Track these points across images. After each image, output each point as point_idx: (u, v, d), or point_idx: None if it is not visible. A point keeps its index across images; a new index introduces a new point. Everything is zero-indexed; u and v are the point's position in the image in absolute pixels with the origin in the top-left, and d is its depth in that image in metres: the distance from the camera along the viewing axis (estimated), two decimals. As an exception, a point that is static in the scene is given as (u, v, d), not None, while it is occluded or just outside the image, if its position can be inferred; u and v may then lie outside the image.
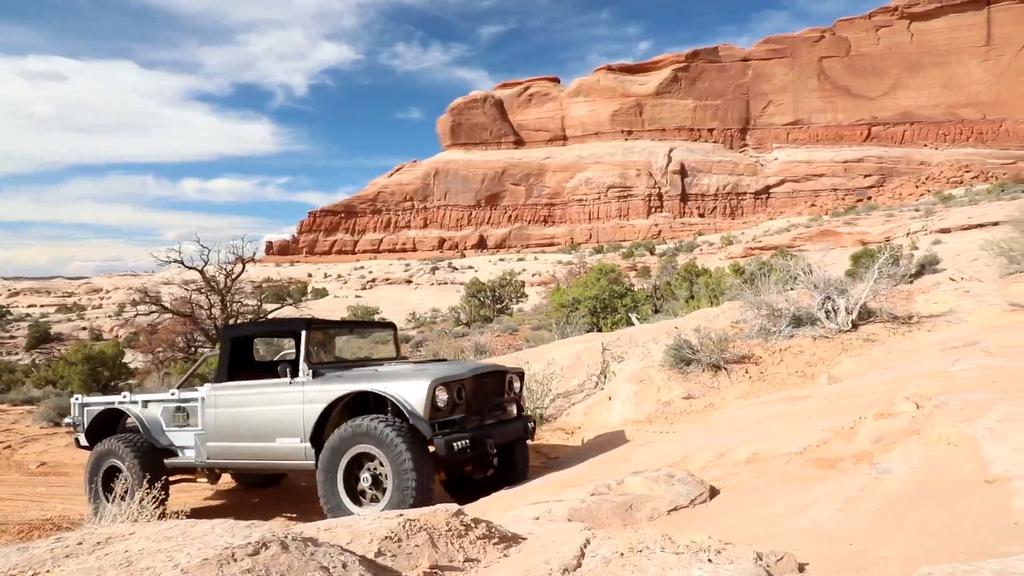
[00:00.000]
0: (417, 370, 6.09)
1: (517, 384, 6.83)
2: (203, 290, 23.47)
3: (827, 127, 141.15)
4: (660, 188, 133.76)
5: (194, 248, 24.06)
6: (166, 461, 7.13)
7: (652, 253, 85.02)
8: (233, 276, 23.95)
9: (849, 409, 4.98)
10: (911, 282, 15.71)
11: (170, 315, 23.18)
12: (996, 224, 34.63)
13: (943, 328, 8.68)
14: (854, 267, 23.31)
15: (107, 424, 7.72)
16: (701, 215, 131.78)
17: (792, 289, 10.86)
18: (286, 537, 2.02)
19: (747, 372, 8.53)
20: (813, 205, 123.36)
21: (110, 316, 73.81)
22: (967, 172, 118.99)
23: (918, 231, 49.77)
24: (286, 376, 6.16)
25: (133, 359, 22.64)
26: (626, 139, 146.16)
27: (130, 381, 18.84)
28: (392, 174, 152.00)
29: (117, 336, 46.51)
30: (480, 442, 5.67)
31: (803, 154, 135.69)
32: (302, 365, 6.17)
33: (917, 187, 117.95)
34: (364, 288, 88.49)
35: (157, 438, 7.19)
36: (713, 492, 3.85)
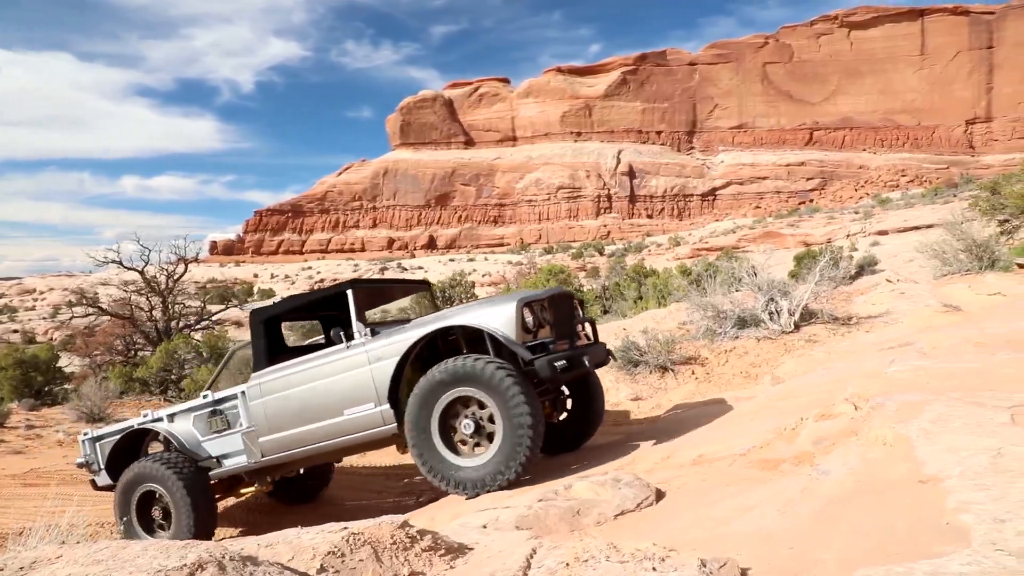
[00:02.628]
0: (492, 298, 5.77)
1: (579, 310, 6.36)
2: (143, 291, 22.77)
3: (771, 131, 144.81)
4: (609, 189, 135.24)
5: (134, 248, 23.35)
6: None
7: (601, 254, 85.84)
8: (175, 277, 23.30)
9: (791, 410, 5.09)
10: (851, 283, 16.19)
11: (108, 317, 22.41)
12: (930, 227, 36.02)
13: (880, 329, 8.96)
14: (797, 268, 23.90)
15: (129, 453, 6.74)
16: (649, 216, 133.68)
17: (737, 291, 11.08)
18: (223, 557, 1.95)
19: (693, 373, 8.67)
20: (757, 207, 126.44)
21: (44, 318, 70.98)
22: (903, 176, 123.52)
23: (857, 233, 51.40)
24: (340, 342, 5.58)
25: (69, 363, 21.80)
26: (576, 140, 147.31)
27: (66, 386, 18.14)
28: (341, 173, 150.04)
29: (52, 339, 44.78)
30: (578, 360, 5.31)
31: (748, 157, 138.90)
32: (356, 325, 5.63)
33: (856, 190, 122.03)
34: (312, 289, 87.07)
35: (196, 452, 6.33)
36: (659, 495, 3.89)
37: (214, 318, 25.55)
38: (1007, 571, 2.04)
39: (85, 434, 7.00)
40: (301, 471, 6.98)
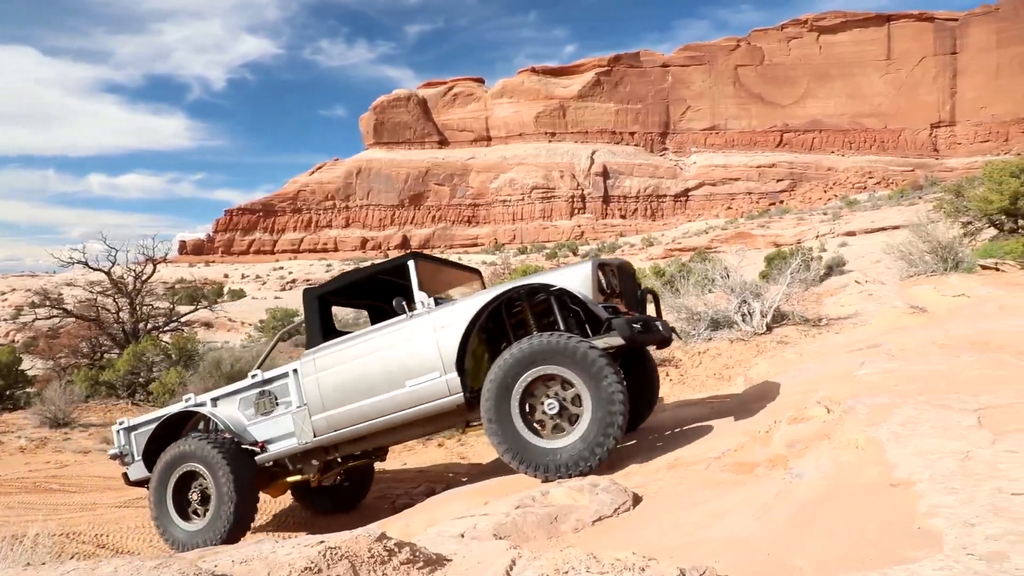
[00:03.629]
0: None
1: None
2: (110, 292, 22.35)
3: (742, 133, 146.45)
4: (583, 190, 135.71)
5: (100, 248, 22.97)
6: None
7: (575, 254, 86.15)
8: (143, 277, 22.90)
9: (765, 412, 5.14)
10: (820, 284, 16.43)
11: (73, 319, 21.96)
12: (896, 228, 36.72)
13: (850, 330, 9.10)
14: (768, 269, 24.21)
15: (166, 441, 6.35)
16: (623, 216, 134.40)
17: (710, 292, 11.19)
18: None
19: (668, 375, 8.73)
20: (729, 208, 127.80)
21: (6, 320, 69.35)
22: (870, 178, 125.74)
23: (826, 234, 52.21)
24: (403, 312, 5.35)
25: (32, 366, 21.31)
26: (549, 141, 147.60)
27: (28, 390, 17.72)
28: (313, 172, 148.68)
29: (13, 341, 43.75)
30: (652, 326, 5.12)
31: (720, 158, 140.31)
32: (419, 295, 5.46)
33: (825, 192, 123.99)
34: (284, 289, 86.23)
35: (243, 436, 6.03)
36: (636, 499, 3.90)
37: (183, 319, 25.15)
38: (978, 575, 2.07)
39: (120, 423, 6.67)
40: (339, 478, 6.70)
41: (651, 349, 6.31)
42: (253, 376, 6.10)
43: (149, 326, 22.36)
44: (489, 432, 4.85)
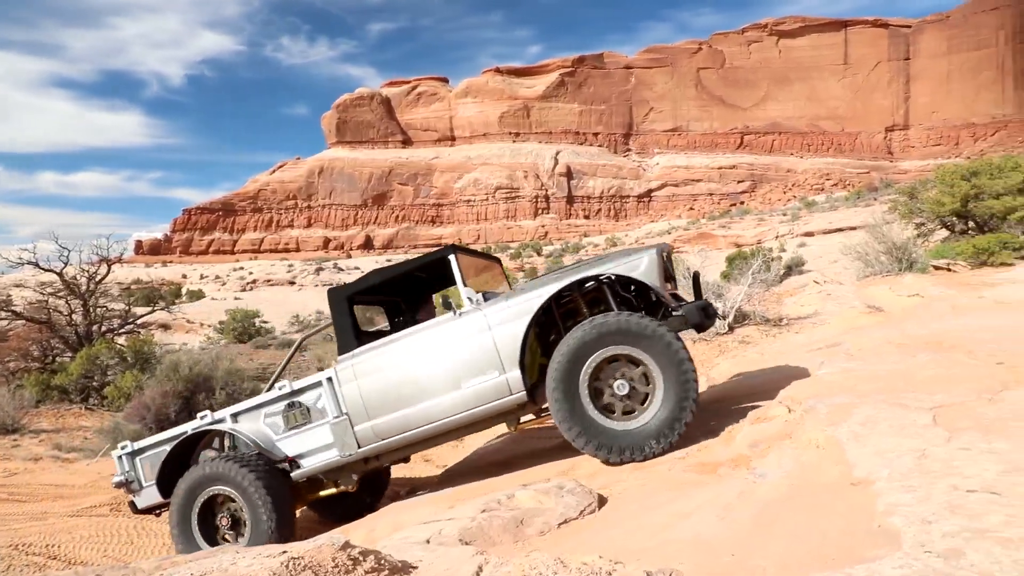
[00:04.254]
0: (619, 251, 5.45)
1: None
2: (62, 294, 21.71)
3: (704, 134, 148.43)
4: (547, 190, 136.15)
5: (52, 248, 22.30)
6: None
7: (539, 254, 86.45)
8: (97, 278, 22.32)
9: (727, 412, 5.19)
10: (780, 283, 16.72)
11: (23, 322, 21.29)
12: (853, 229, 37.60)
13: (809, 330, 9.27)
14: (729, 269, 24.56)
15: (180, 466, 5.91)
16: (586, 217, 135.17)
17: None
18: (152, 586, 1.85)
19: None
20: (691, 208, 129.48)
21: (-46, 321, 67.15)
22: (828, 180, 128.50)
23: (786, 234, 53.23)
24: (449, 311, 5.15)
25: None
26: (514, 141, 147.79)
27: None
28: (274, 171, 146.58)
29: (-38, 343, 42.31)
30: (713, 311, 5.08)
31: (682, 159, 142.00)
32: (466, 291, 5.21)
33: (785, 193, 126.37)
34: (244, 290, 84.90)
35: (271, 453, 5.59)
36: (601, 501, 3.91)
37: (139, 321, 24.58)
38: (937, 573, 2.11)
39: (123, 448, 6.09)
40: (353, 487, 6.23)
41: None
42: (281, 387, 5.68)
43: (103, 328, 21.80)
44: (558, 415, 4.69)
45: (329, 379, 5.47)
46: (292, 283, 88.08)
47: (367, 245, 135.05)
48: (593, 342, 4.62)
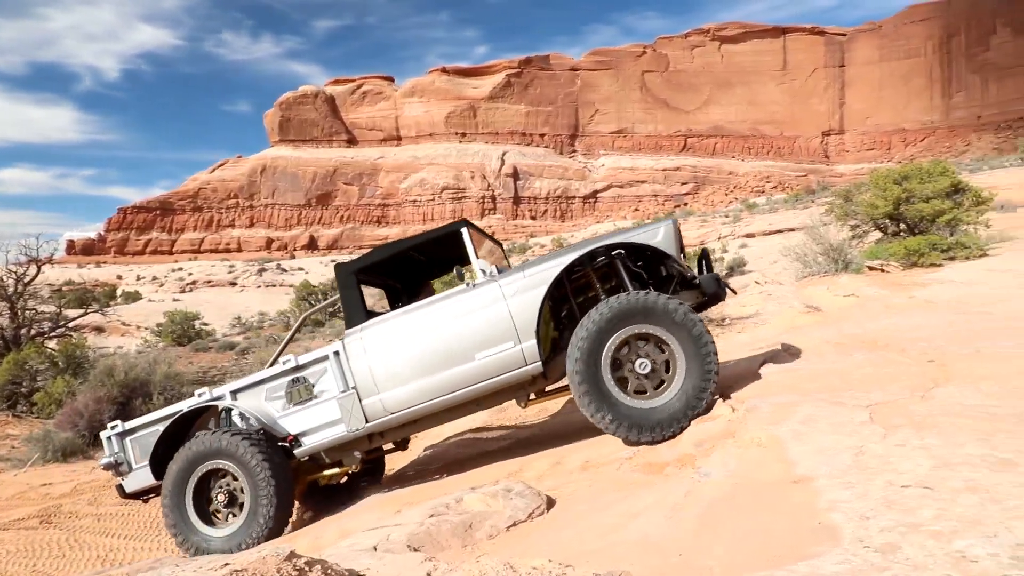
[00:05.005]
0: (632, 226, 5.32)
1: None
2: (-12, 296, 20.75)
3: (648, 136, 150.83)
4: (494, 190, 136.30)
5: (-24, 248, 21.27)
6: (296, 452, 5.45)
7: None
8: (25, 279, 21.39)
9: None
10: (722, 285, 17.03)
11: (-54, 325, 20.27)
12: (792, 230, 38.70)
13: (752, 329, 9.47)
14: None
15: (173, 447, 5.64)
16: (533, 217, 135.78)
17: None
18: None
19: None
20: (636, 209, 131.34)
21: None
22: (768, 182, 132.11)
23: (728, 235, 54.41)
24: (462, 283, 5.13)
25: None
26: (460, 141, 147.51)
27: None
28: (215, 170, 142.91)
29: None
30: (722, 284, 5.10)
31: (627, 161, 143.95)
32: (479, 263, 5.19)
33: (727, 195, 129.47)
34: (183, 291, 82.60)
35: (272, 429, 5.45)
36: (550, 503, 3.92)
37: (71, 324, 23.65)
38: (875, 567, 2.17)
39: (112, 427, 5.85)
40: (352, 469, 6.03)
41: None
42: (284, 362, 5.52)
43: (32, 332, 20.90)
44: (579, 393, 4.64)
45: (336, 353, 5.36)
46: (234, 284, 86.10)
47: (311, 246, 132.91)
48: (616, 321, 4.62)
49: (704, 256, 5.73)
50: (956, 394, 3.89)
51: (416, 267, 6.55)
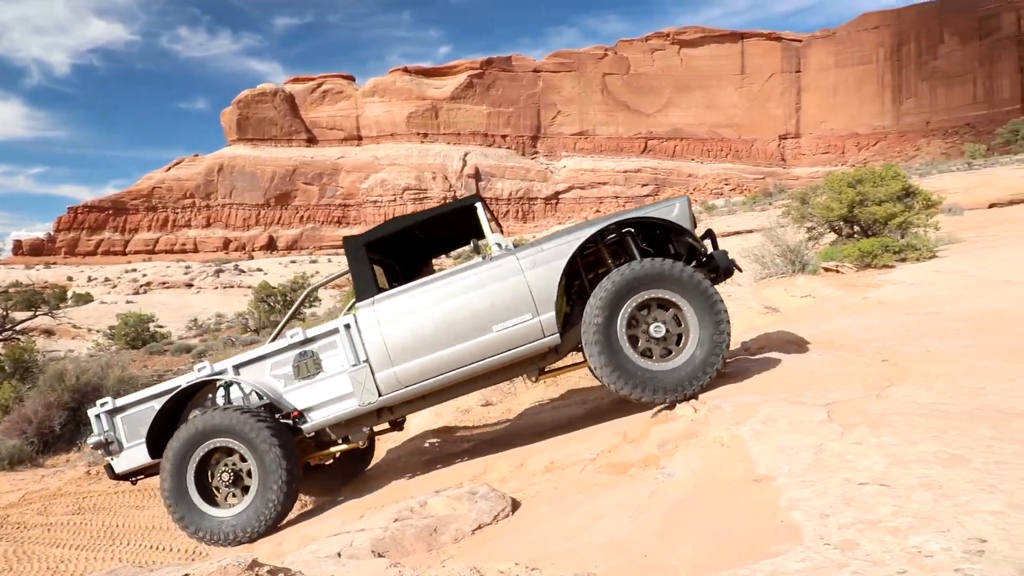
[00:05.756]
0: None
1: None
2: (-70, 298, 20.00)
3: (609, 138, 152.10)
4: (455, 191, 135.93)
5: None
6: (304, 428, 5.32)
7: (447, 255, 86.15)
8: (-29, 281, 20.66)
9: (637, 412, 5.30)
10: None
11: None
12: (751, 231, 39.32)
13: (711, 330, 9.57)
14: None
15: (168, 426, 5.49)
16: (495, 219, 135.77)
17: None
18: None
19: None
20: (597, 211, 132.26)
21: None
22: (726, 185, 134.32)
23: (686, 237, 55.01)
24: (477, 256, 5.16)
25: None
26: (422, 141, 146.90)
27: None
28: (170, 168, 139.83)
29: None
30: (731, 260, 5.27)
31: (589, 163, 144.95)
32: (493, 237, 5.23)
33: (687, 192, 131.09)
34: (137, 292, 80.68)
35: (278, 404, 5.32)
36: (515, 505, 3.91)
37: (19, 327, 22.92)
38: (835, 564, 2.21)
39: (102, 404, 5.58)
40: (360, 445, 5.79)
41: None
42: (292, 336, 5.37)
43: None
44: (595, 357, 4.71)
45: (347, 326, 5.27)
46: (190, 285, 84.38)
47: (270, 246, 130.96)
48: (632, 285, 4.74)
49: (710, 234, 5.87)
50: (910, 393, 3.99)
51: (416, 247, 6.47)
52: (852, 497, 2.69)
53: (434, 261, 7.25)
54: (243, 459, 5.14)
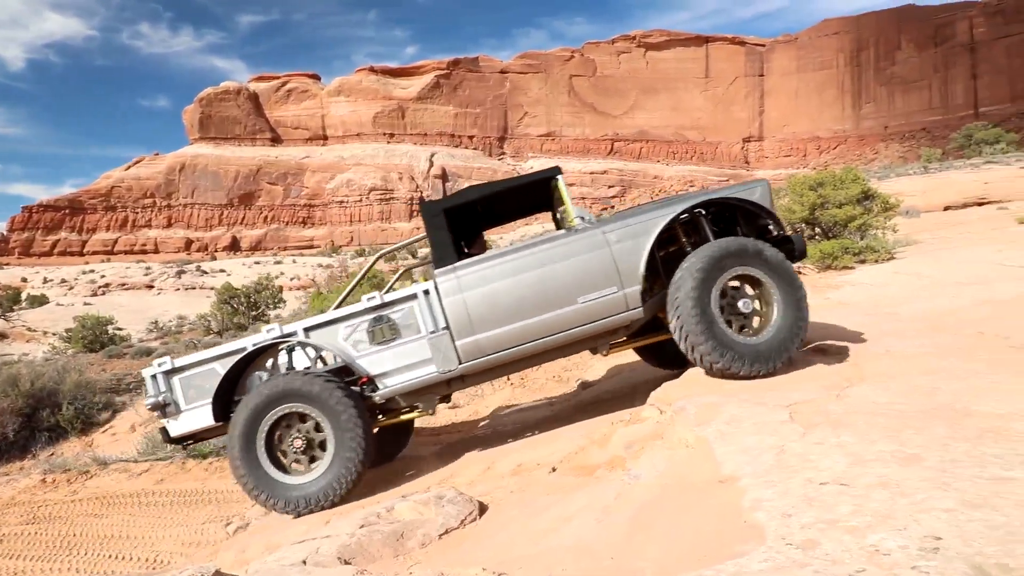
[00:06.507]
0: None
1: None
2: None
3: (576, 140, 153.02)
4: (422, 192, 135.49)
5: None
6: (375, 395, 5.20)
7: (414, 256, 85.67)
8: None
9: (604, 413, 5.34)
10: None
11: None
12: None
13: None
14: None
15: (230, 390, 5.31)
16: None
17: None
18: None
19: (509, 379, 8.86)
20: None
21: None
22: (691, 186, 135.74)
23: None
24: (563, 226, 5.21)
25: None
26: (388, 142, 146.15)
27: None
28: (130, 167, 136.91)
29: None
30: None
31: (555, 164, 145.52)
32: (576, 210, 5.25)
33: (652, 198, 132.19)
34: (95, 294, 78.83)
35: (351, 368, 5.20)
36: (483, 509, 3.91)
37: None
38: (797, 564, 2.25)
39: (159, 364, 5.34)
40: (432, 411, 5.67)
41: None
42: (370, 299, 5.26)
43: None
44: (690, 327, 4.77)
45: (426, 292, 5.21)
46: (150, 287, 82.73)
47: (234, 247, 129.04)
48: (725, 260, 4.86)
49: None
50: (868, 393, 4.08)
51: (473, 218, 6.45)
52: (813, 497, 2.73)
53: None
54: (317, 426, 5.03)
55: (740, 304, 4.94)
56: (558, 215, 5.48)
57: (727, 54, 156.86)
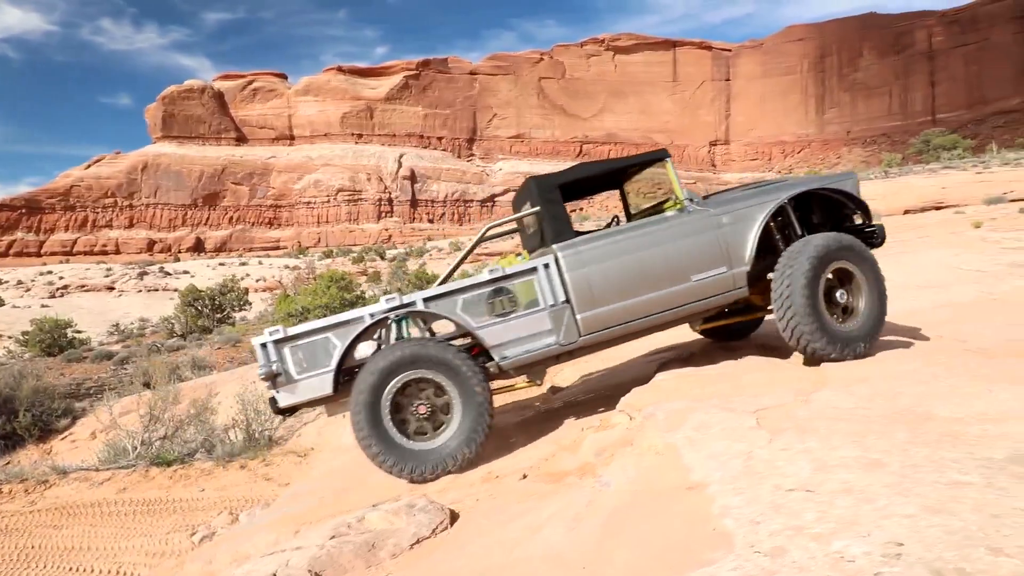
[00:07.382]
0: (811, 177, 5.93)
1: None
2: None
3: (546, 142, 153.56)
4: (391, 193, 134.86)
5: None
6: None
7: (383, 258, 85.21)
8: None
9: (572, 420, 5.37)
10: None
11: None
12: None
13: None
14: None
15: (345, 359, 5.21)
16: (430, 221, 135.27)
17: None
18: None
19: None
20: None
21: None
22: (659, 189, 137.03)
23: (620, 241, 56.02)
24: (668, 210, 5.50)
25: None
26: (356, 142, 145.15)
27: None
28: (90, 166, 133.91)
29: None
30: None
31: (525, 166, 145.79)
32: (685, 192, 5.52)
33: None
34: (53, 296, 76.97)
35: (476, 338, 5.29)
36: (454, 517, 3.90)
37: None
38: (765, 571, 2.28)
39: (272, 333, 5.21)
40: (541, 382, 5.85)
41: None
42: (491, 271, 5.31)
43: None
44: (799, 313, 5.09)
45: (546, 265, 5.29)
46: (111, 288, 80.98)
47: (198, 248, 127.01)
48: (831, 252, 5.22)
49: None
50: (832, 398, 4.16)
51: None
52: (780, 504, 2.77)
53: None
54: (438, 392, 5.08)
55: (837, 295, 5.32)
56: (629, 195, 6.07)
57: (694, 58, 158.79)
